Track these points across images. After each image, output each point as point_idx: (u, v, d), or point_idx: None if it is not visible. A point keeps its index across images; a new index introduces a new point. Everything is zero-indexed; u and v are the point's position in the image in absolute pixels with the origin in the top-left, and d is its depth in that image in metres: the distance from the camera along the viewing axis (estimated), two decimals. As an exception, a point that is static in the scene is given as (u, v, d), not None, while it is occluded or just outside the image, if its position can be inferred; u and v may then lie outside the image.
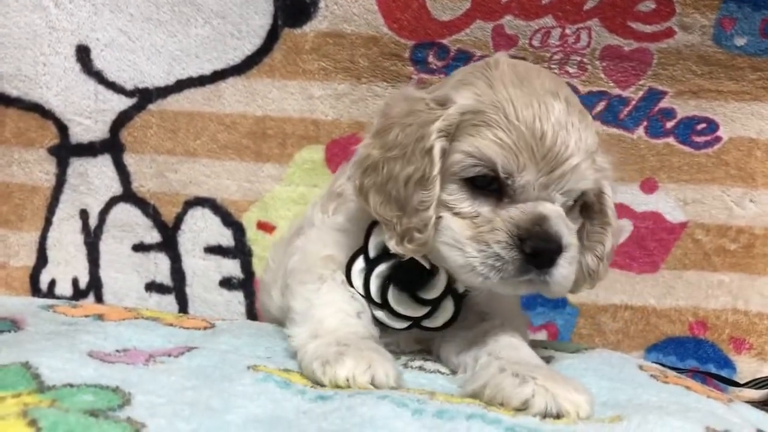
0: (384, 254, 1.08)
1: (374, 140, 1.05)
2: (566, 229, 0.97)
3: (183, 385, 0.84)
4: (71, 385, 0.80)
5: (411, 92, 1.07)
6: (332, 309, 1.05)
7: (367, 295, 1.10)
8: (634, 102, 1.56)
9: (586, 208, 1.07)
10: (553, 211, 0.98)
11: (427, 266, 1.06)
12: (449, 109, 1.00)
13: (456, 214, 1.00)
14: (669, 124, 1.56)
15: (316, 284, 1.09)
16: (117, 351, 0.99)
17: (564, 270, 0.96)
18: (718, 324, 1.57)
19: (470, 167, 0.98)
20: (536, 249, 0.94)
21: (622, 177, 1.56)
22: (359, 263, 1.10)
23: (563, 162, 0.97)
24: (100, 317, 1.19)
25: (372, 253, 1.09)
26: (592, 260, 1.08)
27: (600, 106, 1.57)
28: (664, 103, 1.56)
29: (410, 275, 1.07)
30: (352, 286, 1.10)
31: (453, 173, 1.00)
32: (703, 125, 1.56)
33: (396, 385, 0.92)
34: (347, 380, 0.90)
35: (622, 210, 1.58)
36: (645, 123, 1.57)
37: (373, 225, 1.09)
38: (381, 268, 1.09)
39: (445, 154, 0.99)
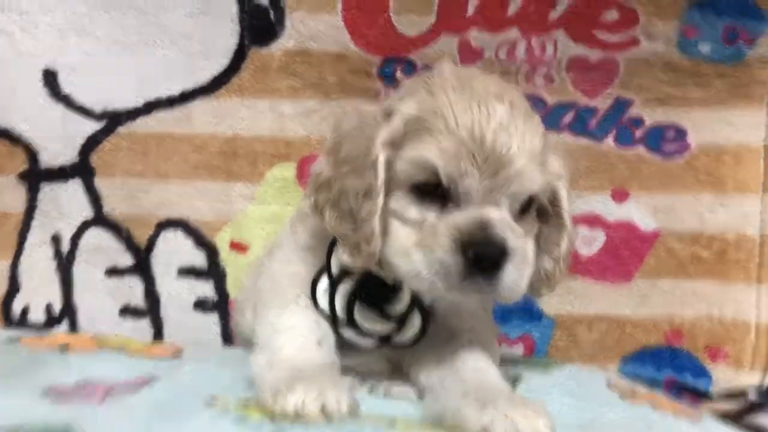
0: (347, 271, 1.08)
1: (327, 157, 1.05)
2: (511, 233, 0.97)
3: (136, 424, 0.83)
4: (21, 427, 0.78)
5: (361, 107, 1.07)
6: (292, 336, 1.04)
7: (333, 314, 1.09)
8: (602, 111, 1.56)
9: (543, 212, 1.07)
10: (498, 215, 0.97)
11: (390, 281, 1.06)
12: (393, 120, 1.01)
13: (404, 222, 1.00)
14: (638, 133, 1.56)
15: (279, 309, 1.08)
16: (77, 384, 0.98)
17: (512, 274, 0.95)
18: (694, 332, 1.55)
19: (414, 174, 0.98)
20: (479, 254, 0.94)
21: (593, 186, 1.56)
22: (323, 282, 1.10)
23: (506, 165, 0.96)
24: (65, 348, 1.18)
25: (334, 271, 1.09)
26: (548, 263, 1.08)
27: (569, 117, 1.57)
28: (632, 112, 1.55)
29: (375, 291, 1.07)
30: (318, 306, 1.10)
31: (399, 182, 1.00)
32: (672, 133, 1.55)
33: (349, 412, 0.91)
34: (296, 408, 0.88)
35: (594, 220, 1.57)
36: (614, 132, 1.56)
37: (334, 242, 1.08)
38: (345, 286, 1.08)
39: (390, 164, 1.00)
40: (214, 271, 1.64)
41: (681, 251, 1.56)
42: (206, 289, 1.64)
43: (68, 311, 1.66)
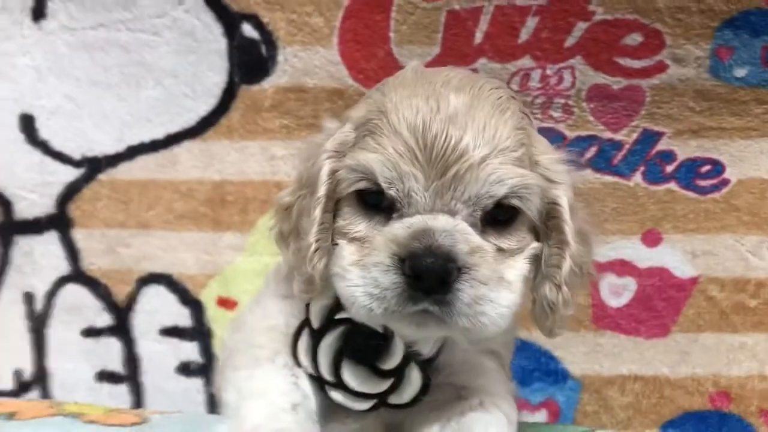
0: (330, 322, 0.93)
1: (291, 186, 0.94)
2: (465, 245, 0.80)
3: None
4: None
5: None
6: (262, 402, 0.90)
7: (318, 374, 0.94)
8: (628, 145, 1.43)
9: (552, 225, 0.90)
10: (446, 223, 0.81)
11: (380, 329, 0.91)
12: (342, 127, 0.90)
13: (351, 240, 0.86)
14: (669, 168, 1.42)
15: (250, 369, 0.93)
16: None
17: (467, 296, 0.79)
18: (744, 394, 1.40)
19: (353, 182, 0.85)
20: (415, 268, 0.78)
21: (621, 229, 1.43)
22: (305, 336, 0.95)
23: (456, 160, 0.80)
24: (11, 416, 1.05)
25: (315, 323, 0.94)
26: (550, 290, 0.89)
27: (591, 152, 1.44)
28: (661, 145, 1.42)
29: (364, 343, 0.92)
30: (300, 365, 0.95)
31: (346, 195, 0.87)
32: (708, 167, 1.41)
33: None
34: None
35: (624, 267, 1.43)
36: (642, 168, 1.43)
37: (317, 290, 0.93)
38: (329, 340, 0.94)
39: (335, 174, 0.87)
40: (199, 331, 1.51)
41: (724, 300, 1.42)
42: (191, 350, 1.52)
43: (40, 377, 1.54)
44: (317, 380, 0.95)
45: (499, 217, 0.85)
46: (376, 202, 0.85)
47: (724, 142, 1.40)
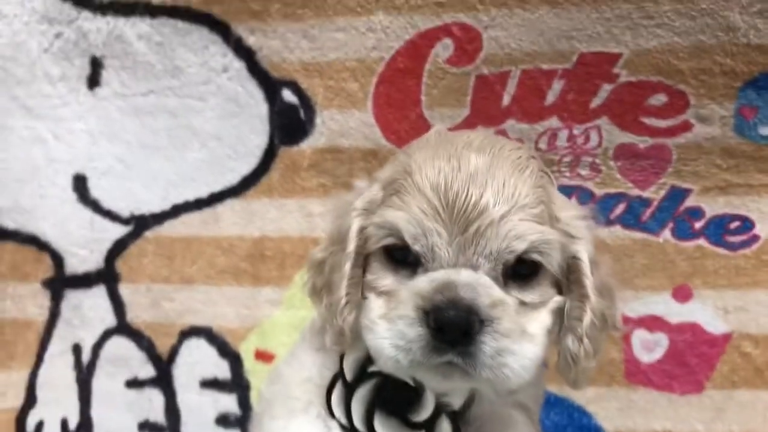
0: (362, 374, 0.95)
1: (324, 242, 0.98)
2: (487, 298, 0.82)
3: None
4: None
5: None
6: None
7: (351, 426, 0.96)
8: (656, 202, 1.43)
9: (573, 279, 0.92)
10: (469, 277, 0.83)
11: (410, 382, 0.93)
12: (371, 187, 0.94)
13: (379, 294, 0.89)
14: (698, 225, 1.42)
15: (285, 420, 0.96)
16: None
17: (490, 346, 0.81)
18: None
19: (381, 238, 0.88)
20: (440, 320, 0.80)
21: (652, 285, 1.42)
22: (338, 389, 0.98)
23: (477, 216, 0.83)
24: None
25: (348, 376, 0.96)
26: (572, 342, 0.91)
27: (619, 209, 1.45)
28: (689, 202, 1.42)
29: (396, 396, 0.94)
30: (333, 416, 0.98)
31: (374, 251, 0.90)
32: (737, 223, 1.41)
33: None
34: None
35: (655, 323, 1.42)
36: (671, 225, 1.43)
37: (350, 342, 0.96)
38: (361, 392, 0.96)
39: (364, 232, 0.91)
40: (237, 383, 1.54)
41: (759, 357, 1.39)
42: (229, 402, 1.54)
43: (85, 426, 1.58)
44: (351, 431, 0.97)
45: (521, 271, 0.87)
46: (403, 258, 0.88)
47: (752, 199, 1.40)
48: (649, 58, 1.39)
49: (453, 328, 0.81)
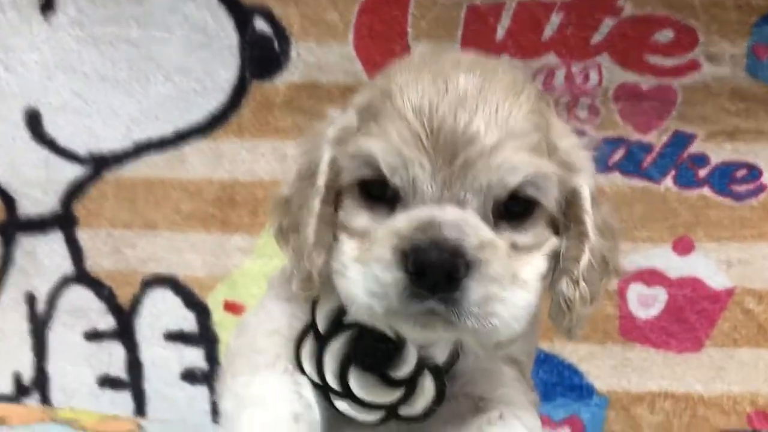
0: (337, 326, 0.86)
1: (291, 178, 0.87)
2: (475, 239, 0.73)
3: None
4: None
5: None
6: (260, 411, 0.83)
7: (323, 382, 0.87)
8: (658, 148, 1.37)
9: (571, 216, 0.82)
10: (454, 215, 0.74)
11: (391, 334, 0.84)
12: (345, 114, 0.83)
13: (352, 234, 0.79)
14: (702, 172, 1.36)
15: (249, 375, 0.87)
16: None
17: (476, 292, 0.72)
18: None
19: (355, 171, 0.79)
20: (420, 264, 0.71)
21: (651, 236, 1.36)
22: (309, 342, 0.88)
23: (466, 145, 0.73)
24: (1, 422, 1.00)
25: (321, 327, 0.87)
26: (567, 286, 0.82)
27: (618, 155, 1.37)
28: (693, 148, 1.36)
29: (374, 349, 0.85)
30: (303, 372, 0.89)
31: (348, 186, 0.81)
32: (744, 171, 1.35)
33: None
34: None
35: (654, 277, 1.37)
36: (673, 172, 1.37)
37: (320, 290, 0.88)
38: (335, 345, 0.86)
39: (336, 164, 0.81)
40: (204, 337, 1.46)
41: (762, 314, 1.35)
42: (195, 356, 1.46)
43: (40, 381, 1.49)
44: (322, 389, 0.88)
45: (514, 209, 0.78)
46: (380, 193, 0.78)
47: (761, 146, 1.34)
48: (656, -12, 1.31)
49: (435, 271, 0.71)
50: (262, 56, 1.43)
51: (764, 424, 1.33)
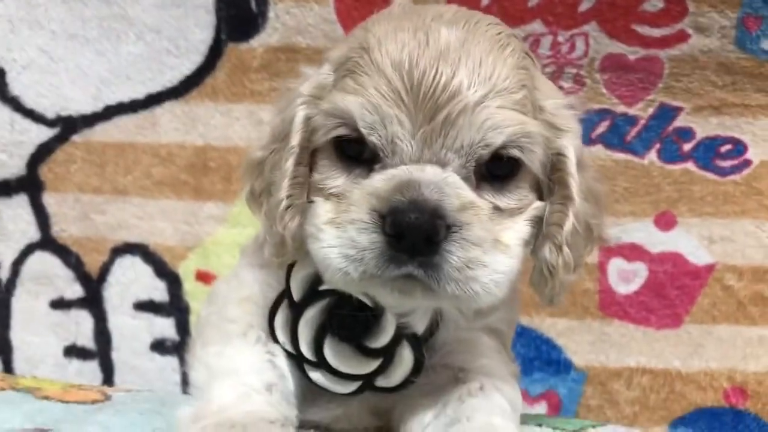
0: (312, 294, 0.83)
1: (264, 139, 0.85)
2: (456, 200, 0.71)
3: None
4: None
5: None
6: (232, 381, 0.81)
7: (297, 351, 0.85)
8: (643, 121, 1.34)
9: (556, 179, 0.80)
10: (435, 175, 0.71)
11: (369, 303, 0.81)
12: (320, 69, 0.80)
13: (328, 196, 0.76)
14: (686, 147, 1.34)
15: (220, 345, 0.84)
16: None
17: (457, 256, 0.69)
18: (761, 390, 1.32)
19: (330, 129, 0.75)
20: (398, 225, 0.69)
21: (633, 211, 1.35)
22: (284, 309, 0.85)
23: (448, 101, 0.70)
24: None
25: (296, 295, 0.84)
26: (550, 251, 0.80)
27: (602, 127, 1.35)
28: (679, 122, 1.33)
29: (350, 318, 0.82)
30: (277, 341, 0.86)
31: (322, 145, 0.78)
32: (728, 146, 1.33)
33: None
34: None
35: (634, 252, 1.35)
36: (657, 146, 1.35)
37: (296, 257, 0.85)
38: (311, 314, 0.84)
39: (311, 121, 0.78)
40: (175, 306, 1.43)
41: (742, 290, 1.34)
42: (166, 327, 1.43)
43: (3, 350, 1.44)
44: (296, 358, 0.86)
45: (496, 171, 0.76)
46: (357, 153, 0.76)
47: (747, 120, 1.32)
48: (646, -44, 1.28)
49: (414, 233, 0.69)
50: (238, 16, 1.38)
51: (741, 400, 1.33)
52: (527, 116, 0.75)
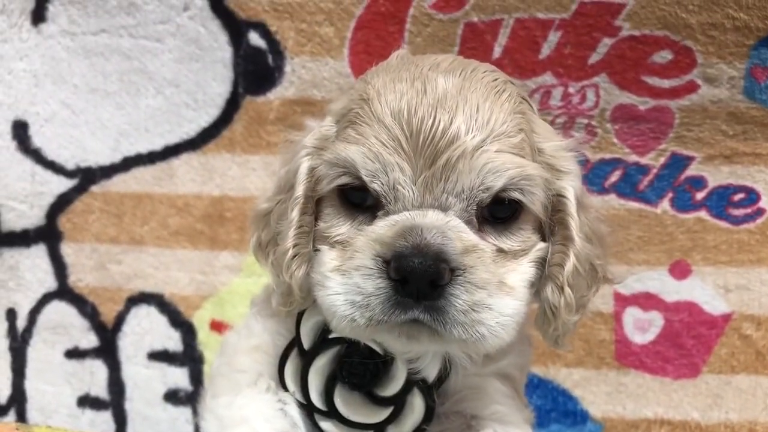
0: (322, 342, 0.83)
1: (271, 190, 0.88)
2: (459, 243, 0.71)
3: None
4: None
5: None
6: (243, 430, 0.80)
7: (308, 401, 0.84)
8: (655, 170, 1.34)
9: (557, 220, 0.80)
10: (437, 219, 0.72)
11: (379, 350, 0.81)
12: (323, 121, 0.82)
13: (333, 244, 0.77)
14: (699, 195, 1.34)
15: (230, 396, 0.84)
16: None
17: (462, 300, 0.69)
18: None
19: (333, 178, 0.77)
20: (403, 271, 0.69)
21: (647, 260, 1.34)
22: (293, 359, 0.85)
23: (447, 147, 0.71)
24: None
25: (306, 343, 0.84)
26: (552, 292, 0.79)
27: (615, 177, 1.35)
28: (691, 171, 1.33)
29: (360, 366, 0.83)
30: (287, 390, 0.86)
31: (327, 195, 0.79)
32: (741, 195, 1.32)
33: None
34: None
35: (650, 300, 1.34)
36: (670, 195, 1.34)
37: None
38: (321, 362, 0.84)
39: (315, 172, 0.79)
40: (189, 356, 1.42)
41: (760, 340, 1.32)
42: (179, 377, 1.42)
43: (17, 399, 1.44)
44: (306, 408, 0.85)
45: (498, 214, 0.76)
46: (360, 200, 0.77)
47: (758, 169, 1.32)
48: (654, 9, 1.28)
49: (418, 278, 0.69)
50: (255, 70, 1.40)
51: (763, 453, 1.30)
52: (526, 159, 0.76)
